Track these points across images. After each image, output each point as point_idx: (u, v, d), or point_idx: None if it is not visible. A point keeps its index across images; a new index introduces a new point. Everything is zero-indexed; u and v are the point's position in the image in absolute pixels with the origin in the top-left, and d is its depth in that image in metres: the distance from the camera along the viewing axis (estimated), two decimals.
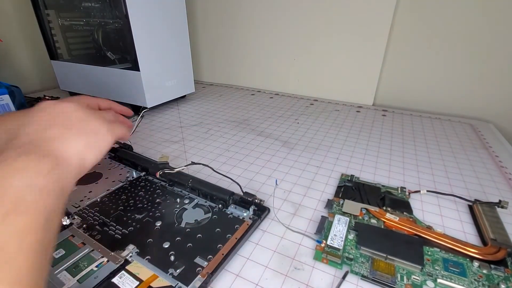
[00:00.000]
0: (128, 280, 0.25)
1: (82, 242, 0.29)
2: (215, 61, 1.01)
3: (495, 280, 0.26)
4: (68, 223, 0.32)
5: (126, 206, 0.35)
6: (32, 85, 0.89)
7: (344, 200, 0.36)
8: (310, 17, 0.78)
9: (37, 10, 0.73)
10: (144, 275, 0.25)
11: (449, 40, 0.67)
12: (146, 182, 0.40)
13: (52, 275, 0.26)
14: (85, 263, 0.27)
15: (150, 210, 0.34)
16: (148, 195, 0.37)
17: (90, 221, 0.32)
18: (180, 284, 0.25)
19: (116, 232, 0.31)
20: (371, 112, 0.72)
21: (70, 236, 0.30)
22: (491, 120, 0.68)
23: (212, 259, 0.27)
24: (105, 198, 0.37)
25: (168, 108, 0.74)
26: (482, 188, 0.41)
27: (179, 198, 0.36)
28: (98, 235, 0.30)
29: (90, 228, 0.31)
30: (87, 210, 0.34)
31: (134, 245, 0.29)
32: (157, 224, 0.32)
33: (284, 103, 0.79)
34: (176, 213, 0.34)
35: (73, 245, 0.29)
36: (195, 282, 0.25)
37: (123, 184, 0.40)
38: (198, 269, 0.26)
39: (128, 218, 0.33)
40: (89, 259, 0.27)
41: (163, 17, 0.66)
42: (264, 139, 0.56)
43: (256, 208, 0.33)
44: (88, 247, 0.29)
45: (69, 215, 0.33)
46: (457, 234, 0.32)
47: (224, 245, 0.29)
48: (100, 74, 0.71)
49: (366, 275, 0.26)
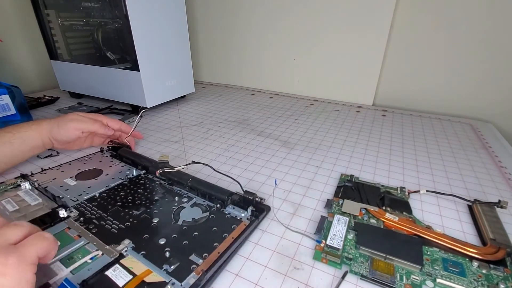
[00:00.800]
0: (121, 274, 0.25)
1: (78, 235, 0.30)
2: (215, 61, 1.01)
3: (495, 280, 0.26)
4: (65, 216, 0.32)
5: (124, 202, 0.35)
6: (32, 85, 0.89)
7: (343, 200, 0.36)
8: (310, 17, 0.78)
9: (37, 10, 0.73)
10: (138, 270, 0.25)
11: (449, 40, 0.67)
12: (146, 180, 0.40)
13: (45, 265, 0.26)
14: (80, 255, 0.27)
15: (148, 207, 0.34)
16: (147, 192, 0.37)
17: (87, 215, 0.33)
18: (174, 280, 0.25)
19: (112, 227, 0.31)
20: (371, 112, 0.72)
21: (66, 229, 0.31)
22: (490, 120, 0.68)
23: (207, 257, 0.27)
24: (104, 193, 0.37)
25: (168, 108, 0.74)
26: (482, 188, 0.41)
27: (178, 197, 0.37)
28: (95, 229, 0.31)
29: (87, 221, 0.32)
30: (85, 204, 0.35)
31: (130, 240, 0.29)
32: (154, 220, 0.32)
33: (284, 103, 0.79)
34: (174, 211, 0.34)
35: (68, 237, 0.29)
36: (189, 279, 0.25)
37: (122, 181, 0.40)
38: (193, 266, 0.26)
39: (126, 213, 0.33)
40: (83, 251, 0.28)
41: (163, 17, 0.66)
42: (264, 139, 0.56)
43: (254, 209, 0.33)
44: (83, 240, 0.29)
45: (67, 208, 0.33)
46: (457, 234, 0.32)
47: (220, 244, 0.29)
48: (100, 74, 0.71)
49: (365, 275, 0.26)
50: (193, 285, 0.24)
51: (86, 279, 0.24)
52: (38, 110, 0.71)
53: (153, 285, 0.24)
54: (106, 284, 0.24)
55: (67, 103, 0.76)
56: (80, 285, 0.24)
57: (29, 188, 0.38)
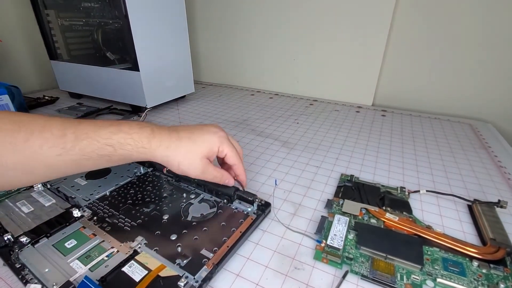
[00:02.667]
0: (137, 269, 0.26)
1: (93, 233, 0.30)
2: (215, 61, 1.01)
3: (494, 279, 0.26)
4: (79, 216, 0.33)
5: (135, 200, 0.36)
6: (32, 85, 0.89)
7: (344, 200, 0.36)
8: (310, 17, 0.78)
9: (36, 10, 0.73)
10: (153, 265, 0.26)
11: (448, 40, 0.67)
12: (154, 178, 0.41)
13: (65, 264, 0.27)
14: (96, 253, 0.28)
15: (158, 204, 0.35)
16: (155, 190, 0.38)
17: (100, 214, 0.33)
18: (187, 273, 0.26)
19: (125, 225, 0.32)
20: (370, 112, 0.72)
21: (81, 228, 0.31)
22: (490, 120, 0.68)
23: (217, 251, 0.28)
24: (114, 192, 0.38)
25: (168, 108, 0.74)
26: (481, 188, 0.41)
27: (186, 193, 0.37)
28: (108, 227, 0.31)
29: (100, 220, 0.32)
30: (97, 203, 0.35)
31: (143, 237, 0.30)
32: (164, 217, 0.33)
33: (283, 103, 0.79)
34: (183, 207, 0.35)
35: (84, 236, 0.30)
36: (201, 272, 0.26)
37: (131, 179, 0.40)
38: (204, 260, 0.27)
39: (137, 211, 0.34)
40: (99, 249, 0.28)
41: (163, 17, 0.66)
42: (264, 139, 0.56)
43: (260, 203, 0.34)
44: (98, 238, 0.30)
45: (80, 208, 0.34)
46: (457, 234, 0.32)
47: (229, 238, 0.30)
48: (100, 74, 0.71)
49: (366, 275, 0.26)
50: (205, 278, 0.25)
51: (104, 276, 0.25)
52: (38, 110, 0.71)
53: (167, 279, 0.25)
54: (123, 280, 0.25)
55: (66, 103, 0.76)
56: (99, 281, 0.25)
57: (41, 189, 0.38)
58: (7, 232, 0.30)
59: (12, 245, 0.28)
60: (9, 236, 0.29)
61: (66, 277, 0.25)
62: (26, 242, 0.29)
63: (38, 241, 0.29)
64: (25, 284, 0.24)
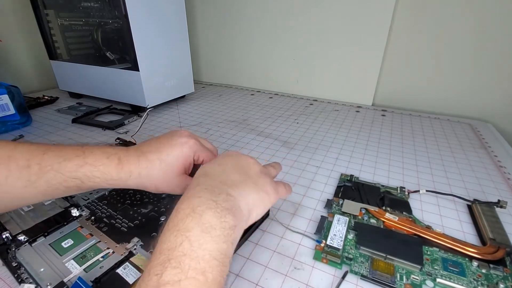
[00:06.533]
0: (131, 272, 0.26)
1: (90, 233, 0.31)
2: (215, 61, 1.01)
3: (494, 279, 0.26)
4: (77, 215, 0.33)
5: (133, 201, 0.36)
6: (31, 85, 0.89)
7: (343, 200, 0.36)
8: (309, 17, 0.78)
9: (36, 10, 0.73)
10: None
11: (448, 40, 0.67)
12: None
13: (60, 264, 0.27)
14: (92, 254, 0.28)
15: (156, 205, 0.35)
16: None
17: (98, 214, 0.33)
18: None
19: (122, 225, 0.32)
20: (370, 112, 0.72)
21: (79, 227, 0.31)
22: (490, 120, 0.68)
23: None
24: (113, 191, 0.38)
25: (168, 108, 0.74)
26: (481, 188, 0.41)
27: None
28: (105, 227, 0.31)
29: (98, 220, 0.32)
30: (96, 203, 0.35)
31: (139, 238, 0.30)
32: (161, 218, 0.33)
33: (283, 103, 0.79)
34: None
35: (81, 235, 0.30)
36: None
37: None
38: None
39: (134, 212, 0.34)
40: (95, 250, 0.29)
41: (163, 17, 0.66)
42: (264, 139, 0.56)
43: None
44: (95, 239, 0.30)
45: (78, 207, 0.34)
46: (456, 234, 0.32)
47: None
48: (100, 74, 0.71)
49: (365, 275, 0.26)
50: None
51: (98, 277, 0.25)
52: (37, 110, 0.71)
53: None
54: (117, 282, 0.25)
55: (66, 103, 0.76)
56: (93, 282, 0.24)
57: None
58: (6, 230, 0.30)
59: (10, 244, 0.29)
60: (8, 234, 0.29)
61: (61, 278, 0.25)
62: (23, 240, 0.29)
63: (36, 240, 0.29)
64: (20, 283, 0.25)
